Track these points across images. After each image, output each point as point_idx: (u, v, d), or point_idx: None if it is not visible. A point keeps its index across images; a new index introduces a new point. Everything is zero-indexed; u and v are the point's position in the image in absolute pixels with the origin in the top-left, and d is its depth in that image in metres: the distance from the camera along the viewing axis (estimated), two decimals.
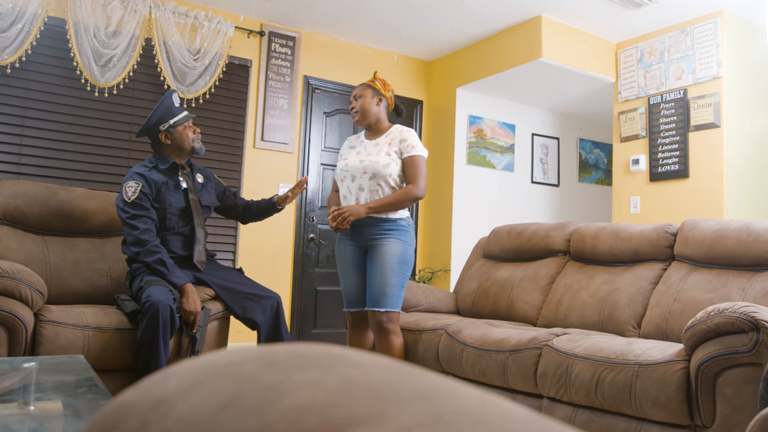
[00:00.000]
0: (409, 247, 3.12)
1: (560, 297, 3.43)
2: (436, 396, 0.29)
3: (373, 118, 3.27)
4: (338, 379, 0.30)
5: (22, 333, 2.66)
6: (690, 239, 3.08)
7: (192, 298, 2.98)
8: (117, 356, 2.89)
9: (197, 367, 0.33)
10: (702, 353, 2.16)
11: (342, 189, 3.26)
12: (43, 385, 1.77)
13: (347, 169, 3.22)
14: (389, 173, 3.11)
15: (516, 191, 6.29)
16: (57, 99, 4.51)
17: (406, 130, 3.23)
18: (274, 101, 5.30)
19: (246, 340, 4.76)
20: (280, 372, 0.30)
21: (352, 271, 3.23)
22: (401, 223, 3.12)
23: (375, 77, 3.37)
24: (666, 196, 5.06)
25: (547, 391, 2.64)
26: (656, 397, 2.23)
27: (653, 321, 2.94)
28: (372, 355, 0.34)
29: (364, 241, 3.16)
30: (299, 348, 0.34)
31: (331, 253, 5.58)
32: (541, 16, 5.09)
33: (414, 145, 3.16)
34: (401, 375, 0.31)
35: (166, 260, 3.02)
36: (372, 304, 3.04)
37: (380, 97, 3.29)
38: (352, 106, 3.29)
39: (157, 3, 4.73)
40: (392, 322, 3.05)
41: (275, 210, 3.55)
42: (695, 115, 4.89)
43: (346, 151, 3.37)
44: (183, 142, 3.25)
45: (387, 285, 3.02)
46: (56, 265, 3.35)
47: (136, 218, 3.05)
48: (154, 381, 0.33)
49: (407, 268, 3.10)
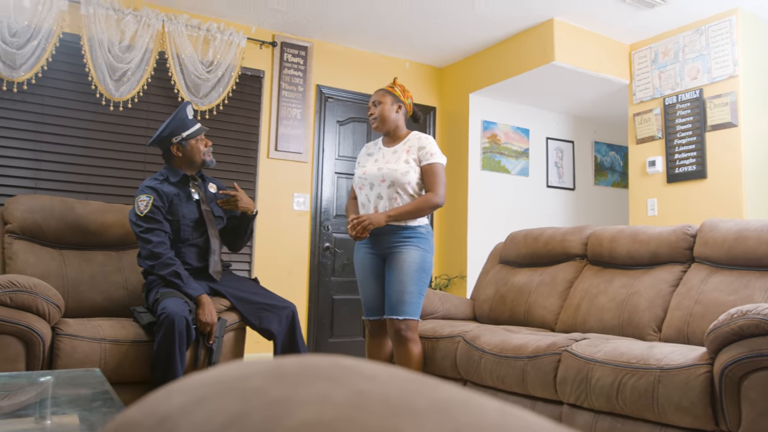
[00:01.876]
0: (427, 254, 3.10)
1: (578, 301, 3.39)
2: (454, 409, 0.28)
3: (392, 125, 3.25)
4: (348, 392, 0.29)
5: (39, 347, 2.65)
6: (710, 240, 3.04)
7: (208, 309, 2.97)
8: (134, 369, 2.88)
9: (202, 383, 0.32)
10: (726, 356, 2.12)
11: (360, 197, 3.25)
12: (59, 399, 1.77)
13: (365, 177, 3.20)
14: (408, 181, 3.09)
15: (531, 196, 6.25)
16: (72, 114, 4.54)
17: (424, 137, 3.21)
18: (287, 111, 5.30)
19: (263, 351, 4.75)
20: (287, 386, 0.29)
21: (370, 279, 3.21)
22: (420, 231, 3.10)
23: (395, 83, 3.34)
24: (684, 197, 5.00)
25: (567, 398, 2.60)
26: (679, 402, 2.19)
27: (674, 324, 2.89)
28: (385, 367, 0.33)
29: (382, 249, 3.14)
30: (309, 360, 0.33)
31: (347, 261, 5.56)
32: (553, 19, 5.06)
33: (433, 153, 3.15)
34: (416, 387, 0.30)
35: (181, 272, 3.01)
36: (390, 312, 3.02)
37: (399, 104, 3.27)
38: (371, 113, 3.27)
39: (170, 16, 4.77)
40: (411, 330, 3.02)
41: (246, 218, 3.36)
42: (712, 114, 4.83)
43: (363, 159, 3.35)
44: (194, 155, 3.26)
45: (405, 293, 2.99)
46: (73, 278, 3.36)
47: (149, 232, 3.04)
48: (158, 397, 0.32)
49: (426, 276, 3.08)
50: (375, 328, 3.27)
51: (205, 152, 3.28)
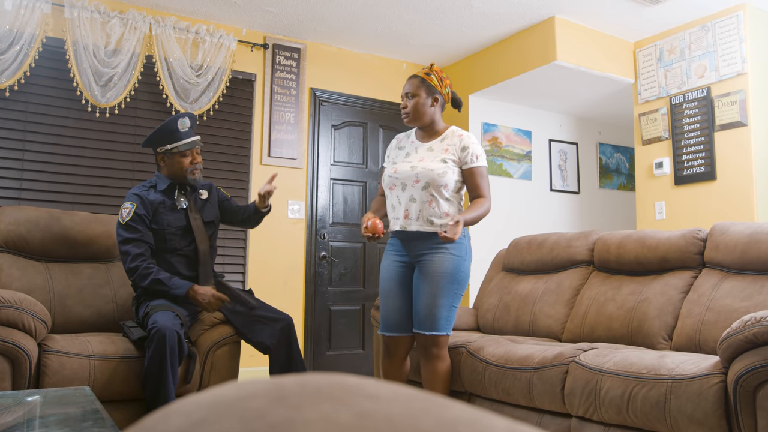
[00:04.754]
0: (463, 262, 2.82)
1: (585, 310, 3.32)
2: (461, 429, 0.29)
3: (428, 120, 2.93)
4: (352, 413, 0.29)
5: (26, 364, 2.60)
6: (721, 244, 2.98)
7: (201, 293, 2.96)
8: (124, 386, 2.83)
9: (202, 404, 0.32)
10: (740, 365, 2.06)
11: (390, 198, 2.96)
12: (48, 419, 1.72)
13: (397, 176, 2.90)
14: (445, 183, 2.81)
15: (535, 200, 6.14)
16: (57, 121, 4.44)
17: (466, 136, 2.91)
18: (280, 115, 5.18)
19: (259, 365, 4.63)
20: (289, 407, 0.30)
21: (395, 291, 2.92)
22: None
23: (432, 69, 2.97)
24: (693, 199, 4.89)
25: (575, 410, 2.55)
26: (692, 414, 2.14)
27: (685, 332, 2.84)
28: (390, 385, 0.33)
29: (413, 256, 2.89)
30: (310, 379, 0.33)
31: (344, 270, 5.43)
32: (555, 17, 4.96)
33: (478, 155, 2.87)
34: (422, 406, 0.31)
35: (161, 276, 2.96)
36: (419, 326, 2.81)
37: (436, 96, 2.92)
38: (404, 105, 2.92)
39: (158, 19, 4.66)
40: (439, 347, 2.82)
41: (261, 213, 3.37)
42: (720, 113, 4.70)
43: (394, 153, 3.05)
44: (176, 170, 3.16)
45: (436, 306, 2.76)
46: (60, 292, 3.31)
47: (128, 242, 3.01)
48: (157, 419, 0.32)
49: (459, 288, 2.81)
50: (393, 346, 2.96)
51: (189, 169, 3.16)
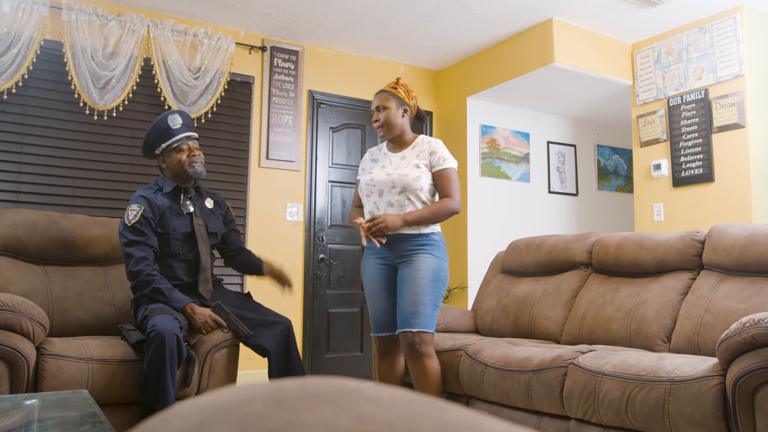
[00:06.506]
0: (443, 263, 2.96)
1: (584, 312, 3.31)
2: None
3: (399, 131, 3.10)
4: (352, 417, 0.29)
5: (24, 368, 2.58)
6: (719, 246, 2.97)
7: (198, 313, 2.92)
8: (123, 389, 2.81)
9: (201, 408, 0.32)
10: (738, 367, 2.06)
11: (368, 205, 3.08)
12: (46, 423, 1.72)
13: (373, 184, 3.04)
14: (420, 186, 2.95)
15: (533, 202, 6.14)
16: (55, 124, 4.43)
17: (434, 142, 3.09)
18: (278, 118, 5.18)
19: (257, 368, 4.61)
20: (288, 411, 0.30)
21: (380, 293, 3.04)
22: (434, 238, 2.97)
23: (398, 83, 3.17)
24: (691, 201, 4.89)
25: (574, 413, 2.54)
26: (691, 416, 2.14)
27: (684, 334, 2.83)
28: (388, 388, 0.33)
29: (393, 258, 2.99)
30: (309, 383, 0.33)
31: (342, 273, 5.43)
32: (553, 19, 4.96)
33: (445, 158, 3.03)
34: (422, 410, 0.31)
35: (162, 286, 2.93)
36: (403, 324, 2.86)
37: (405, 107, 3.11)
38: (376, 119, 3.10)
39: (156, 21, 4.66)
40: (426, 344, 2.87)
41: (256, 273, 3.35)
42: (718, 115, 4.71)
43: (368, 165, 3.19)
44: (176, 166, 3.14)
45: (419, 304, 2.84)
46: (58, 295, 3.28)
47: (133, 245, 2.97)
48: (156, 423, 0.32)
49: (441, 286, 2.93)
50: (385, 345, 3.09)
51: (188, 162, 3.11)
